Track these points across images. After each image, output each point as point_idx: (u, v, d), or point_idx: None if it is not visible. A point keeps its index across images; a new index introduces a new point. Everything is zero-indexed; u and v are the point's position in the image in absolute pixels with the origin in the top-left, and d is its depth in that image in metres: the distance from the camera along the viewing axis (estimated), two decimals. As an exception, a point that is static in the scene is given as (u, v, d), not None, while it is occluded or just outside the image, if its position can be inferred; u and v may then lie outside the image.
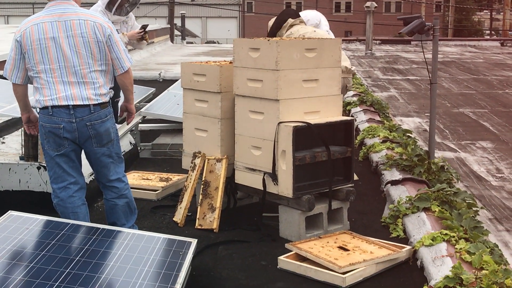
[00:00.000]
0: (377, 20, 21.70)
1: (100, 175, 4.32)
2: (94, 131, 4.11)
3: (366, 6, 18.76)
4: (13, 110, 7.11)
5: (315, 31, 5.84)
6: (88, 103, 4.05)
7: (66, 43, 4.02)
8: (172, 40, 25.37)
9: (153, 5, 40.60)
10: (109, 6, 6.52)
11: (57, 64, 4.03)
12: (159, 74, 12.25)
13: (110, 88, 4.21)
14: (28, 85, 4.22)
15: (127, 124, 4.95)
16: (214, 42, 41.42)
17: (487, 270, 3.43)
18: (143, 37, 6.70)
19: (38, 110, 4.18)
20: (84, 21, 4.07)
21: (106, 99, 4.15)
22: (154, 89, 10.03)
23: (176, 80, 9.45)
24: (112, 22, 6.45)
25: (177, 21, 30.25)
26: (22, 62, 4.09)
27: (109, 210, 4.37)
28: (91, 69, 4.07)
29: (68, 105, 4.03)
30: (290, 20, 5.84)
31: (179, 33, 29.72)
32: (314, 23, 6.34)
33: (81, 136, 4.10)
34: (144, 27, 6.72)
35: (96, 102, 4.08)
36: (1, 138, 5.86)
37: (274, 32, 5.91)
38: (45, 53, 4.02)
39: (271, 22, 6.03)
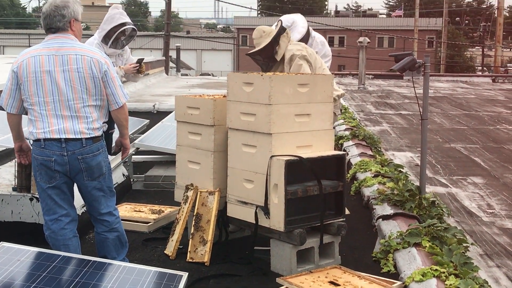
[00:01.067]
0: (370, 55, 21.91)
1: (91, 208, 4.32)
2: (85, 164, 4.12)
3: (359, 41, 18.98)
4: (7, 140, 7.11)
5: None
6: (80, 137, 4.07)
7: (61, 77, 4.06)
8: (167, 72, 25.53)
9: (149, 37, 40.92)
10: (105, 39, 6.57)
11: (51, 97, 4.06)
12: (154, 106, 12.33)
13: (104, 122, 4.23)
14: (24, 115, 4.26)
15: (122, 159, 4.96)
16: (208, 74, 41.66)
17: (477, 306, 3.44)
18: (139, 70, 6.76)
19: (31, 141, 4.21)
20: (81, 56, 4.10)
21: (99, 133, 4.17)
22: (148, 121, 10.08)
23: (171, 112, 9.50)
24: (108, 55, 6.53)
25: (172, 53, 30.47)
26: (18, 92, 4.13)
27: (100, 243, 4.37)
28: (85, 103, 4.09)
29: (60, 138, 4.05)
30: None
31: (174, 65, 29.90)
32: (285, 25, 6.09)
33: (72, 170, 4.12)
34: (139, 61, 6.79)
35: (88, 136, 4.10)
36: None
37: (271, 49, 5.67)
38: (40, 86, 4.05)
39: (261, 38, 5.72)
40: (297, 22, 6.28)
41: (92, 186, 4.19)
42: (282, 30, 5.64)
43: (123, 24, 6.63)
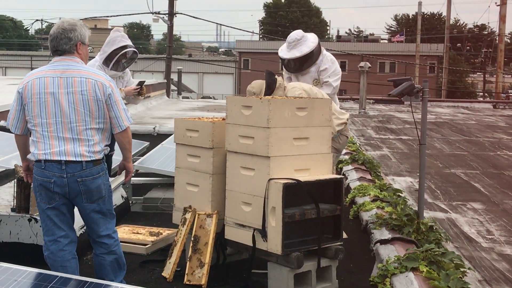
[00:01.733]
0: (371, 80, 22.01)
1: (90, 230, 4.33)
2: (84, 187, 4.13)
3: (360, 66, 19.08)
4: (6, 162, 7.14)
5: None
6: (80, 160, 4.08)
7: (65, 99, 4.08)
8: (168, 95, 25.64)
9: (151, 60, 41.16)
10: (106, 62, 6.62)
11: (54, 119, 4.08)
12: (154, 128, 12.39)
13: (105, 145, 4.25)
14: None
15: (124, 183, 4.97)
16: (210, 97, 41.82)
17: (474, 331, 3.43)
18: (139, 92, 6.81)
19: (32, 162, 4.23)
20: (85, 79, 4.12)
21: (99, 156, 4.18)
22: (148, 143, 10.11)
23: (171, 135, 9.52)
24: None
25: (174, 76, 30.63)
26: (22, 113, 4.17)
27: (98, 265, 4.36)
28: (87, 126, 4.12)
29: (60, 160, 4.06)
30: (280, 79, 5.93)
31: (175, 88, 30.05)
32: (295, 38, 6.43)
33: (71, 192, 4.13)
34: (140, 83, 6.83)
35: (88, 159, 4.11)
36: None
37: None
38: (44, 107, 4.08)
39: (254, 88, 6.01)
40: (307, 37, 6.44)
41: (91, 208, 4.20)
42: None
43: (124, 47, 6.68)
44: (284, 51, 6.42)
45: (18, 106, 4.17)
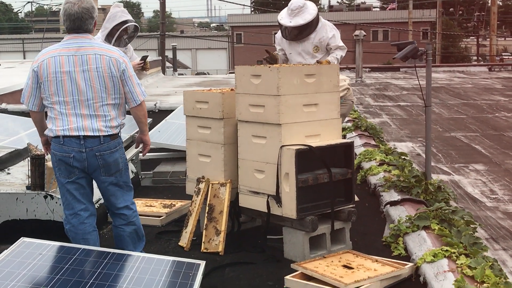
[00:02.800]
0: (365, 49, 22.00)
1: (109, 203, 4.42)
2: (103, 161, 4.22)
3: (355, 35, 19.08)
4: (15, 142, 7.21)
5: None
6: (98, 134, 4.17)
7: (81, 77, 4.15)
8: (163, 72, 25.60)
9: (144, 38, 40.95)
10: (108, 38, 6.66)
11: (71, 97, 4.16)
12: (155, 104, 12.41)
13: (122, 120, 4.32)
14: None
15: (143, 155, 5.05)
16: (204, 73, 41.73)
17: (489, 283, 3.55)
18: (143, 67, 6.85)
19: (49, 138, 4.30)
20: (100, 55, 4.18)
21: (116, 131, 4.26)
22: (151, 119, 10.15)
23: (172, 110, 9.60)
24: None
25: (168, 53, 30.54)
26: (38, 91, 4.23)
27: (117, 237, 4.46)
28: (103, 102, 4.19)
29: (79, 136, 4.15)
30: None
31: (171, 65, 29.98)
32: (298, 5, 6.49)
33: (90, 166, 4.22)
34: (144, 58, 6.88)
35: (106, 134, 4.19)
36: (6, 170, 5.96)
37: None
38: (60, 86, 4.15)
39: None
40: (307, 4, 6.49)
41: (109, 181, 4.29)
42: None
43: (125, 22, 6.73)
44: (286, 19, 6.44)
45: (34, 84, 4.22)
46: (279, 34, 6.67)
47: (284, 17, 6.49)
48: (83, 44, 4.20)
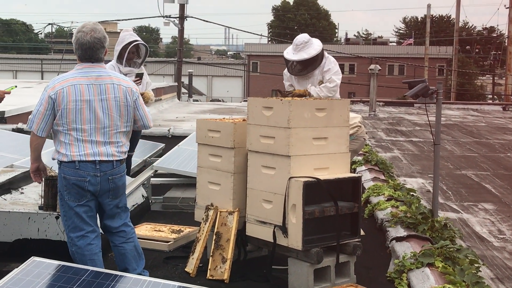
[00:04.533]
0: (380, 83, 22.14)
1: (109, 224, 4.54)
2: (113, 184, 4.41)
3: (370, 69, 19.22)
4: (28, 162, 7.33)
5: None
6: (112, 159, 4.36)
7: (99, 106, 4.32)
8: (179, 98, 25.83)
9: (161, 63, 41.38)
10: (119, 60, 6.96)
11: (88, 125, 4.31)
12: (168, 130, 12.54)
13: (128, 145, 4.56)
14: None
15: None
16: (219, 100, 42.00)
17: (489, 322, 3.58)
18: (137, 82, 7.00)
19: (58, 162, 4.39)
20: (117, 85, 4.39)
21: (125, 156, 4.50)
22: (164, 144, 10.28)
23: (185, 137, 9.71)
24: (125, 74, 6.84)
25: (184, 79, 30.82)
26: (52, 118, 4.31)
27: (119, 256, 4.56)
28: (117, 130, 4.40)
29: (95, 160, 4.30)
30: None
31: (186, 91, 30.22)
32: (302, 41, 6.62)
33: (102, 189, 4.37)
34: (139, 75, 7.07)
35: (118, 159, 4.41)
36: (20, 189, 6.07)
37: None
38: (79, 114, 4.29)
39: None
40: (312, 40, 6.63)
41: (114, 204, 4.48)
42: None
43: (132, 42, 6.95)
44: (291, 54, 6.60)
45: (48, 110, 4.30)
46: (286, 70, 6.82)
47: (289, 52, 6.65)
48: (101, 73, 4.37)
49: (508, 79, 31.47)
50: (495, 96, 45.80)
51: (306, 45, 6.53)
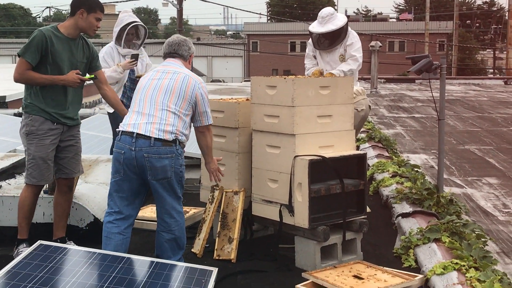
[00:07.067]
0: (381, 59, 22.03)
1: (156, 207, 4.53)
2: (150, 163, 4.31)
3: (371, 46, 19.12)
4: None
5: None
6: (149, 135, 4.30)
7: (154, 84, 4.50)
8: (179, 79, 25.71)
9: (161, 45, 41.21)
10: (118, 41, 6.90)
11: (139, 98, 4.48)
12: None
13: (181, 132, 4.44)
14: None
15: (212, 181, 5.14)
16: (219, 81, 41.90)
17: (497, 296, 3.59)
18: (132, 63, 6.95)
19: None
20: (178, 72, 4.54)
21: (169, 137, 4.34)
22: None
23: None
24: (124, 56, 6.79)
25: (184, 60, 30.66)
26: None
27: (157, 242, 4.55)
28: (164, 107, 4.39)
29: (133, 132, 4.31)
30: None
31: (186, 72, 30.08)
32: (328, 13, 6.59)
33: (139, 166, 4.33)
34: (134, 56, 7.02)
35: (157, 137, 4.31)
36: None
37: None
38: (137, 90, 4.55)
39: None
40: (337, 13, 6.64)
41: (156, 186, 4.38)
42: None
43: (131, 23, 6.90)
44: (317, 27, 6.54)
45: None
46: (309, 47, 6.78)
47: (315, 26, 6.60)
48: (177, 68, 4.63)
49: (509, 53, 31.34)
50: (496, 71, 45.68)
51: (332, 17, 6.50)
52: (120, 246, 4.38)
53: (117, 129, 4.51)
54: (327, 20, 6.47)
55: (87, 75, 4.97)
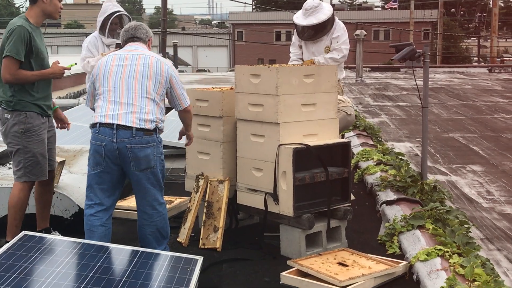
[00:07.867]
0: (366, 48, 22.06)
1: (136, 198, 4.50)
2: (133, 154, 4.27)
3: (355, 34, 19.12)
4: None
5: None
6: (131, 125, 4.26)
7: (127, 70, 4.38)
8: (164, 69, 25.59)
9: (145, 34, 40.94)
10: (102, 31, 6.82)
11: (113, 86, 4.36)
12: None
13: (159, 119, 4.41)
14: None
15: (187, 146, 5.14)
16: (205, 71, 41.79)
17: (479, 281, 3.62)
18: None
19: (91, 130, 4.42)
20: (149, 56, 4.46)
21: (150, 126, 4.32)
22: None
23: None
24: (107, 46, 6.76)
25: (169, 50, 30.59)
26: (92, 89, 4.56)
27: (139, 234, 4.53)
28: (143, 95, 4.34)
29: (113, 124, 4.24)
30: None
31: (171, 62, 29.99)
32: (313, 5, 6.54)
33: (121, 157, 4.28)
34: (119, 46, 6.99)
35: (138, 127, 4.27)
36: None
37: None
38: (107, 77, 4.38)
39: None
40: (323, 4, 6.59)
41: (139, 177, 4.34)
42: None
43: (115, 12, 6.86)
44: (301, 18, 6.51)
45: (89, 83, 4.63)
46: (295, 35, 6.76)
47: (298, 17, 6.56)
48: (137, 48, 4.56)
49: (493, 41, 31.47)
50: (480, 59, 45.87)
51: (316, 10, 6.45)
52: (104, 238, 4.37)
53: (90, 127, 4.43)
54: (310, 13, 6.44)
55: (68, 64, 4.94)
